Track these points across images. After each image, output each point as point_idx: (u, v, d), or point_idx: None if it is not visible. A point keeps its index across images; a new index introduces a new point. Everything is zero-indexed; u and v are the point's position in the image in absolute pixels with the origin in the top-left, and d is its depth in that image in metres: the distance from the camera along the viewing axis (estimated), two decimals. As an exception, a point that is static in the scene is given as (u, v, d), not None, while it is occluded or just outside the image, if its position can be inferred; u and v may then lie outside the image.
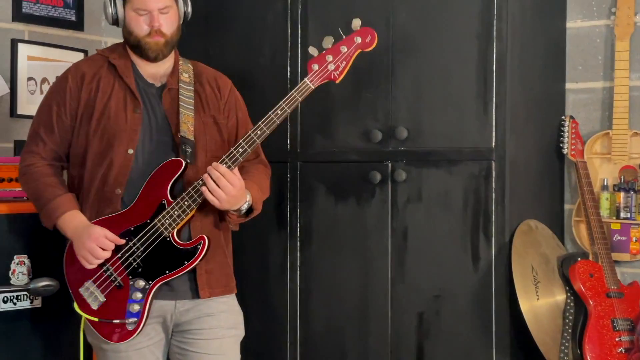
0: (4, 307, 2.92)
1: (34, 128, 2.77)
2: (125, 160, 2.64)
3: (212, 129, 2.75)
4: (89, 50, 3.87)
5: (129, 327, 2.62)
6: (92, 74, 2.71)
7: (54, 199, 2.67)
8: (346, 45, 2.67)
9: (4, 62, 3.58)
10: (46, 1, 3.73)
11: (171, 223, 2.60)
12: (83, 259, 2.61)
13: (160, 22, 2.66)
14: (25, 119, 3.64)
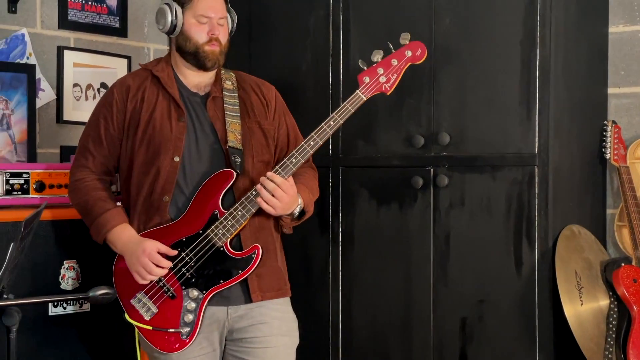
0: (54, 312, 2.98)
1: (83, 142, 2.82)
2: (172, 168, 2.67)
3: (257, 134, 2.78)
4: (132, 57, 3.92)
5: (183, 336, 2.65)
6: (136, 86, 2.76)
7: (103, 213, 2.71)
8: (397, 58, 2.72)
9: (51, 69, 3.64)
10: (91, 8, 3.79)
11: (225, 233, 2.63)
12: (137, 275, 2.63)
13: (219, 31, 2.72)
14: (71, 124, 3.71)
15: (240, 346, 2.73)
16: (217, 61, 2.74)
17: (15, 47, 3.51)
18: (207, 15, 2.71)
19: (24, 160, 3.51)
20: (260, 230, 2.73)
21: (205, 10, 2.71)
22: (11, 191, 2.98)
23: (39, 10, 3.62)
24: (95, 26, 3.81)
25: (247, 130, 2.75)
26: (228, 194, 2.66)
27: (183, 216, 2.67)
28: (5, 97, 3.47)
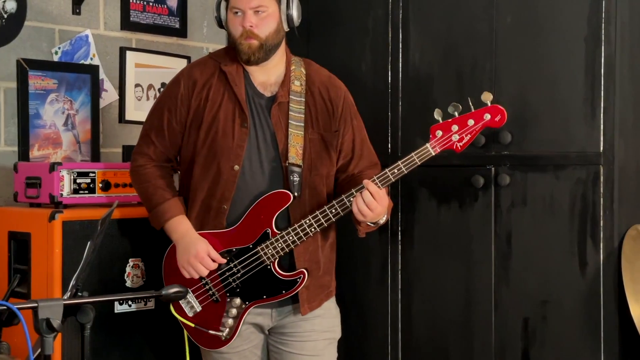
0: (120, 309, 3.02)
1: (146, 130, 2.83)
2: (231, 177, 2.66)
3: (318, 147, 2.74)
4: (192, 57, 3.96)
5: (223, 338, 2.71)
6: (203, 81, 2.72)
7: (163, 203, 2.74)
8: (474, 119, 2.63)
9: (113, 70, 3.69)
10: (152, 9, 3.83)
11: (274, 254, 2.64)
12: (184, 270, 2.69)
13: (252, 22, 2.60)
14: (132, 124, 3.75)
15: (280, 338, 2.77)
16: (252, 55, 2.62)
17: (79, 48, 3.57)
18: (237, 7, 2.61)
19: (88, 159, 3.56)
20: (312, 243, 2.73)
21: (236, 2, 2.62)
22: (78, 190, 3.03)
23: (102, 11, 3.67)
24: (156, 27, 3.85)
25: (308, 143, 2.70)
26: (282, 213, 2.66)
27: (237, 226, 2.68)
28: (70, 98, 3.52)
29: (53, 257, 2.88)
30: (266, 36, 2.63)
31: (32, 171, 3.09)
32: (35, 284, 2.93)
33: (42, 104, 3.45)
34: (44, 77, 3.44)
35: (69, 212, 2.94)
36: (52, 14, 3.50)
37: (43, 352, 1.80)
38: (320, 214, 2.62)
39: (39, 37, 3.46)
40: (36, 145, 3.42)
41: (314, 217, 2.61)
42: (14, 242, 3.04)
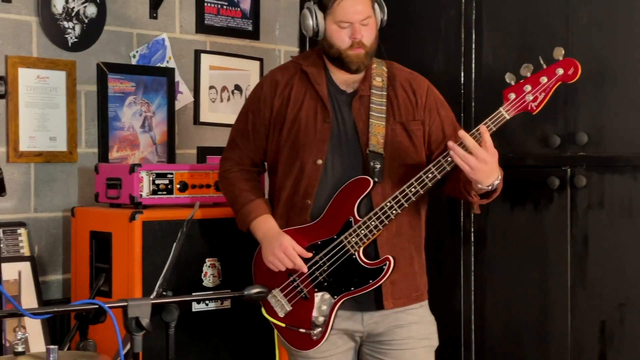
0: (197, 308, 3.08)
1: (232, 135, 2.89)
2: (314, 171, 2.69)
3: (401, 137, 2.71)
4: (264, 59, 4.01)
5: (314, 337, 2.69)
6: (285, 82, 2.76)
7: (248, 204, 2.77)
8: (547, 76, 2.54)
9: (188, 72, 3.76)
10: (226, 12, 3.89)
11: (358, 242, 2.63)
12: (270, 264, 2.70)
13: (362, 34, 2.64)
14: (207, 126, 3.82)
15: (377, 348, 2.74)
16: (361, 64, 2.67)
17: (156, 51, 3.64)
18: (348, 20, 2.64)
19: (164, 160, 3.63)
20: (397, 236, 2.71)
21: (346, 15, 2.63)
22: (157, 191, 3.09)
23: (178, 15, 3.74)
24: (229, 29, 3.90)
25: (390, 133, 2.69)
26: (365, 200, 2.66)
27: (320, 219, 2.69)
28: (147, 100, 3.60)
29: (133, 256, 2.95)
30: (370, 44, 2.68)
31: (112, 172, 3.17)
32: (116, 282, 3.00)
33: (120, 107, 3.53)
34: (122, 80, 3.53)
35: (148, 212, 3.01)
36: (131, 18, 3.58)
37: (132, 349, 1.85)
38: (399, 194, 2.60)
39: (117, 41, 3.54)
40: (115, 146, 3.50)
41: (393, 198, 2.60)
42: (95, 242, 3.12)
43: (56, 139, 3.36)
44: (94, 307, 1.87)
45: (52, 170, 3.37)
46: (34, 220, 3.30)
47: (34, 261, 3.16)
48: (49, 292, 3.33)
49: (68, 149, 3.39)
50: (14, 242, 3.17)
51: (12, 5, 3.25)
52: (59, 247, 3.38)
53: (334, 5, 2.63)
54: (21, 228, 3.21)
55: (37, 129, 3.31)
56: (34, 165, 3.32)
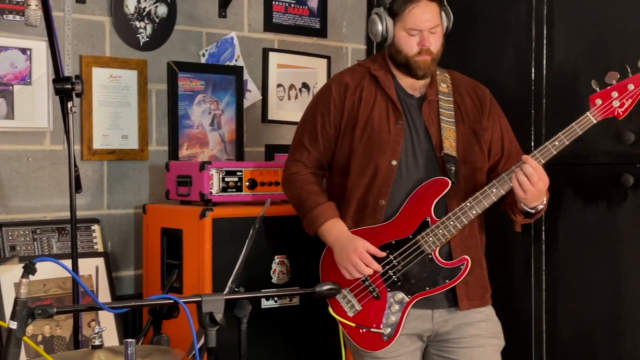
0: (266, 305, 3.10)
1: (298, 137, 2.88)
2: (389, 172, 2.68)
3: (471, 141, 2.74)
4: (331, 57, 4.01)
5: (385, 337, 2.68)
6: (354, 84, 2.77)
7: (317, 207, 2.76)
8: (634, 83, 2.59)
9: (257, 71, 3.79)
10: (294, 11, 3.91)
11: (435, 241, 2.63)
12: (345, 270, 2.68)
13: (430, 42, 2.68)
14: (275, 124, 3.84)
15: (445, 347, 2.73)
16: (428, 70, 2.71)
17: (225, 50, 3.68)
18: (418, 28, 2.67)
19: (233, 158, 3.67)
20: (470, 238, 2.71)
21: (416, 23, 2.66)
22: (226, 188, 3.12)
23: (247, 14, 3.77)
24: (297, 28, 3.92)
25: (460, 137, 2.72)
26: (440, 202, 2.66)
27: (394, 219, 2.68)
28: (216, 99, 3.64)
29: (204, 253, 2.98)
30: (437, 51, 2.73)
31: (182, 170, 3.21)
32: (187, 278, 3.04)
33: (190, 105, 3.57)
34: (192, 79, 3.57)
35: (218, 209, 3.04)
36: (200, 17, 3.62)
37: (206, 344, 1.87)
38: (480, 194, 2.62)
39: (187, 40, 3.59)
40: (185, 144, 3.55)
41: (474, 198, 2.62)
42: (166, 238, 3.17)
43: (128, 137, 3.42)
44: (169, 302, 1.89)
45: (124, 167, 3.43)
46: (107, 217, 3.37)
47: (107, 257, 3.23)
48: (122, 287, 3.39)
49: (139, 147, 3.45)
50: (88, 239, 3.24)
51: (86, 6, 3.31)
52: (130, 244, 3.44)
53: (405, 13, 2.67)
54: (95, 224, 3.27)
55: (110, 127, 3.38)
56: (106, 162, 3.39)
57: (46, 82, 3.19)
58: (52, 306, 1.74)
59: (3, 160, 3.15)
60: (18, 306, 1.71)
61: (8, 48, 3.13)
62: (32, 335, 2.96)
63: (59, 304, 3.00)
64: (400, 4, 2.66)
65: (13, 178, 3.18)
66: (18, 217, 3.18)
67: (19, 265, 2.94)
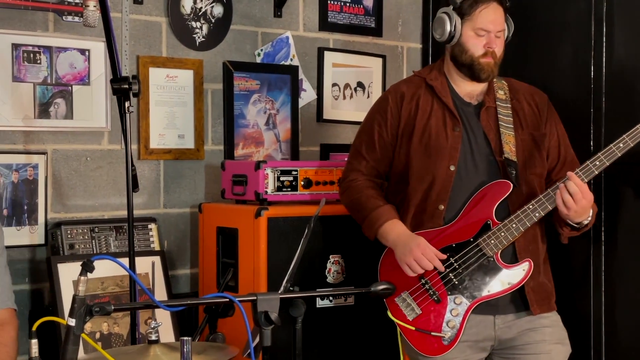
0: (321, 304, 3.10)
1: (356, 146, 2.88)
2: (447, 177, 2.68)
3: (530, 146, 2.73)
4: (387, 55, 3.99)
5: (445, 341, 2.65)
6: (411, 94, 2.78)
7: (376, 209, 2.76)
8: None
9: (312, 70, 3.79)
10: (349, 10, 3.90)
11: (497, 244, 2.61)
12: (407, 266, 2.66)
13: (496, 44, 2.69)
14: (330, 123, 3.84)
15: (510, 354, 2.70)
16: (491, 73, 2.71)
17: (280, 49, 3.69)
18: (487, 29, 2.67)
19: (288, 157, 3.67)
20: (533, 242, 2.69)
21: (486, 23, 2.67)
22: (281, 188, 3.13)
23: (302, 13, 3.77)
24: (352, 27, 3.91)
25: (520, 142, 2.71)
26: (501, 205, 2.64)
27: (455, 222, 2.67)
28: (271, 98, 3.65)
29: (259, 252, 2.99)
30: (499, 56, 2.74)
31: (238, 169, 3.22)
32: (242, 277, 3.05)
33: (245, 104, 3.59)
34: (247, 79, 3.59)
35: (273, 208, 3.04)
36: (256, 17, 3.64)
37: (261, 343, 1.87)
38: (544, 197, 2.61)
39: (243, 40, 3.60)
40: (240, 144, 3.57)
41: (537, 201, 2.61)
42: (222, 237, 3.18)
43: (184, 137, 3.45)
44: (225, 301, 1.90)
45: (180, 167, 3.46)
46: (163, 216, 3.40)
47: (163, 255, 3.26)
48: (178, 286, 3.42)
49: (195, 146, 3.47)
50: (145, 237, 3.27)
51: (143, 7, 3.35)
52: (186, 242, 3.47)
53: (475, 13, 2.68)
54: (151, 223, 3.31)
55: (166, 127, 3.41)
56: (163, 162, 3.42)
57: (104, 82, 3.24)
58: (110, 304, 1.76)
59: (62, 160, 3.20)
60: (76, 303, 1.73)
61: (67, 49, 3.18)
62: (91, 332, 3.00)
63: (117, 301, 3.04)
64: (471, 4, 2.68)
65: (72, 177, 3.23)
66: (77, 216, 3.23)
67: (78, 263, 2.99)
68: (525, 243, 2.66)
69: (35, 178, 3.12)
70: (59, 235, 3.10)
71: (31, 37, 3.11)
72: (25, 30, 3.10)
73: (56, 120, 3.17)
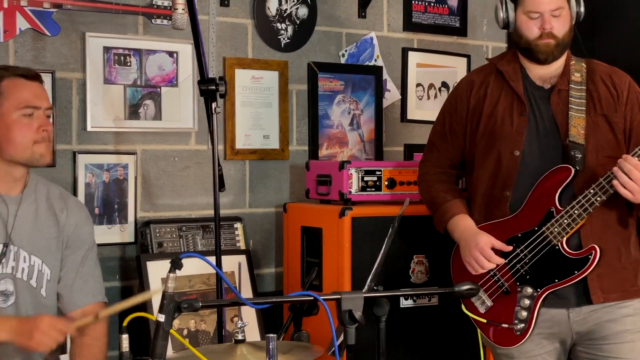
0: (405, 304, 3.10)
1: (431, 137, 2.91)
2: (512, 162, 2.65)
3: (604, 129, 2.65)
4: (471, 55, 3.96)
5: (517, 332, 2.63)
6: (480, 81, 2.78)
7: (444, 204, 2.77)
8: None
9: (396, 70, 3.79)
10: (433, 10, 3.88)
11: (560, 232, 2.57)
12: (468, 265, 2.68)
13: (552, 25, 2.62)
14: (414, 123, 3.83)
15: (591, 345, 2.65)
16: (550, 54, 2.65)
17: (364, 50, 3.70)
18: (537, 11, 2.62)
19: (372, 158, 3.68)
20: (603, 229, 2.62)
21: (535, 6, 2.62)
22: (365, 188, 3.13)
23: (386, 14, 3.78)
24: (436, 27, 3.90)
25: (591, 125, 2.63)
26: (567, 190, 2.59)
27: (519, 211, 2.64)
28: (355, 98, 3.66)
29: (343, 251, 3.01)
30: (562, 36, 2.66)
31: (322, 169, 3.24)
32: (326, 276, 3.07)
33: (330, 105, 3.61)
34: (332, 79, 3.61)
35: (357, 208, 3.06)
36: (340, 18, 3.65)
37: (345, 342, 1.88)
38: (603, 180, 2.53)
39: (327, 41, 3.63)
40: (324, 144, 3.59)
41: (597, 184, 2.54)
42: (306, 237, 3.21)
43: (269, 137, 3.49)
44: (310, 299, 1.91)
45: (265, 167, 3.50)
46: (248, 216, 3.45)
47: (249, 254, 3.30)
48: (263, 284, 3.46)
49: (280, 147, 3.51)
50: (231, 236, 3.32)
51: (229, 9, 3.40)
52: (271, 242, 3.51)
53: None
54: (237, 223, 3.36)
55: (252, 128, 3.46)
56: (248, 162, 3.47)
57: (191, 84, 3.30)
58: (198, 301, 1.79)
59: (151, 160, 3.28)
60: (166, 300, 1.77)
61: (156, 51, 3.26)
62: (178, 329, 3.06)
63: (204, 299, 3.10)
64: None
65: (160, 177, 3.30)
66: (165, 215, 3.30)
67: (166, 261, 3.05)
68: (593, 229, 2.59)
69: (125, 178, 3.20)
70: (148, 233, 3.18)
71: (122, 40, 3.19)
72: (116, 33, 3.19)
73: (145, 121, 3.25)
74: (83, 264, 2.58)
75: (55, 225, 2.54)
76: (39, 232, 2.50)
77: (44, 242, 2.50)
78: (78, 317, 2.46)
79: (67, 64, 3.10)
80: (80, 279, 2.56)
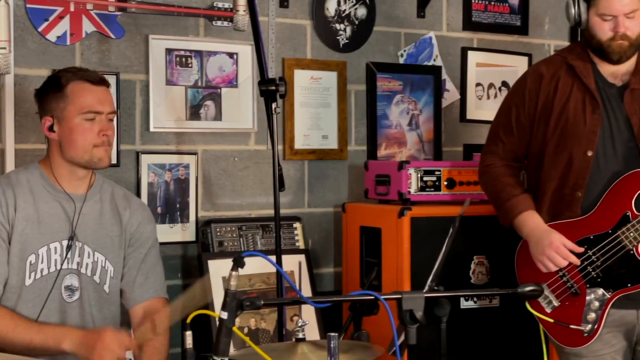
0: (466, 305, 3.08)
1: (494, 129, 2.86)
2: (584, 162, 2.61)
3: None
4: (532, 54, 3.92)
5: (585, 334, 2.61)
6: (550, 75, 2.73)
7: (511, 199, 2.73)
8: None
9: (455, 70, 3.76)
10: (494, 9, 3.85)
11: (636, 237, 2.53)
12: (540, 264, 2.64)
13: (626, 26, 2.59)
14: (473, 123, 3.80)
15: None
16: (623, 54, 2.62)
17: (423, 50, 3.68)
18: (610, 14, 2.59)
19: (431, 158, 3.67)
20: None
21: (609, 8, 2.59)
22: (425, 188, 3.13)
23: (445, 13, 3.76)
24: (496, 26, 3.86)
25: None
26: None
27: (592, 213, 2.60)
28: (414, 99, 3.65)
29: (402, 251, 3.00)
30: (636, 36, 2.63)
31: (381, 169, 3.24)
32: (385, 276, 3.07)
33: (388, 105, 3.60)
34: (390, 79, 3.60)
35: (416, 208, 3.05)
36: (399, 18, 3.65)
37: (406, 341, 1.88)
38: None
39: (386, 41, 3.62)
40: (383, 144, 3.59)
41: None
42: (365, 237, 3.21)
43: (328, 137, 3.50)
44: (370, 298, 1.92)
45: (324, 167, 3.51)
46: (307, 215, 3.46)
47: (308, 254, 3.32)
48: (322, 284, 3.47)
49: (339, 147, 3.52)
50: (290, 236, 3.34)
51: (289, 10, 3.42)
52: (330, 241, 3.52)
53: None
54: (296, 222, 3.37)
55: (311, 128, 3.47)
56: (307, 162, 3.48)
57: (251, 84, 3.33)
58: (259, 299, 1.81)
59: (212, 160, 3.32)
60: (228, 297, 1.79)
61: (217, 53, 3.29)
62: (239, 327, 3.09)
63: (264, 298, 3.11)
64: None
65: (220, 177, 3.33)
66: (225, 215, 3.33)
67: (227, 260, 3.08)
68: None
69: (186, 177, 3.24)
70: (208, 232, 3.21)
71: (183, 42, 3.24)
72: (178, 35, 3.23)
73: (206, 122, 3.29)
74: (145, 261, 2.62)
75: (119, 224, 2.58)
76: (102, 230, 2.55)
77: (107, 239, 2.56)
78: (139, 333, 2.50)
79: (131, 65, 3.16)
80: (141, 275, 2.61)
